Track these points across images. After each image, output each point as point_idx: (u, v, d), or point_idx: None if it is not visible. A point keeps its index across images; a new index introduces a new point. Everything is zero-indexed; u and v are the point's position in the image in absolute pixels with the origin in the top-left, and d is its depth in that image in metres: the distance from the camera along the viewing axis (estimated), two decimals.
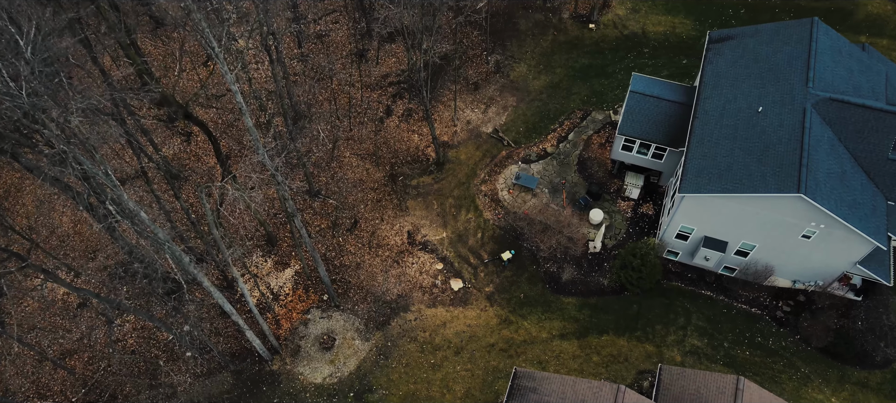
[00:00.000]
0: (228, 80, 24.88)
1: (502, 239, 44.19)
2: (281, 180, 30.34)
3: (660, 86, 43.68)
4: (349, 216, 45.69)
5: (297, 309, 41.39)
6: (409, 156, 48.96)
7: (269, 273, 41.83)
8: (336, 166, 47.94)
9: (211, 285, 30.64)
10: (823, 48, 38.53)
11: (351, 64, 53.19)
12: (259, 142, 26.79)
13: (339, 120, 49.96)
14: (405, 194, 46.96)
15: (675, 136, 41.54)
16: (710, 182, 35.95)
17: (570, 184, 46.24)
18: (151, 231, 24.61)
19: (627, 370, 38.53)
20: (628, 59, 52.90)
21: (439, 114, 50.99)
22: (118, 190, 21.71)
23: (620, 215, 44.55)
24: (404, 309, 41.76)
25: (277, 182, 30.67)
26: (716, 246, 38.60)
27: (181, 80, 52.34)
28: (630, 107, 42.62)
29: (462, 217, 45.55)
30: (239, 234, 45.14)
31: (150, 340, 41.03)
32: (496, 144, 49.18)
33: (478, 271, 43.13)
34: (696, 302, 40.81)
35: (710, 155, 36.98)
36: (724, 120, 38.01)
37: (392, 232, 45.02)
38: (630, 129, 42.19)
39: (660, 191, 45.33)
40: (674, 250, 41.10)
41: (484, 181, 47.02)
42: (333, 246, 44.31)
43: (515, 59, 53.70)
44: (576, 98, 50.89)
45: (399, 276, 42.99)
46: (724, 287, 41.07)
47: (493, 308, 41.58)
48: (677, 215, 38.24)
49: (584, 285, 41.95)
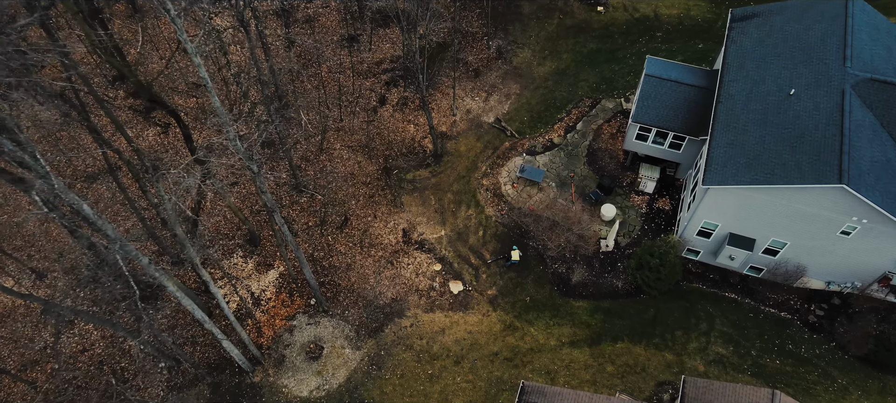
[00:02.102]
0: (189, 50, 21.21)
1: (506, 237, 40.51)
2: (256, 170, 26.66)
3: (677, 69, 40.03)
4: (339, 213, 42.02)
5: (281, 314, 37.70)
6: (405, 147, 45.30)
7: (250, 275, 38.03)
8: (325, 159, 44.26)
9: (177, 289, 26.96)
10: (860, 25, 34.94)
11: (342, 49, 49.51)
12: (227, 118, 23.10)
13: (328, 109, 46.29)
14: (400, 189, 43.31)
15: (695, 124, 37.90)
16: (737, 173, 32.32)
17: (580, 178, 42.59)
18: (99, 227, 20.94)
19: (645, 381, 34.87)
20: (640, 43, 49.28)
21: (437, 102, 47.34)
22: (49, 178, 18.04)
23: (635, 210, 40.90)
24: (399, 314, 38.08)
25: (253, 171, 26.99)
26: (742, 244, 34.96)
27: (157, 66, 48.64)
28: (645, 92, 38.99)
29: (462, 213, 41.89)
30: (220, 232, 41.48)
31: (120, 349, 37.31)
32: (498, 135, 45.54)
33: (479, 272, 39.47)
34: (719, 306, 37.18)
35: (736, 143, 33.35)
36: (751, 104, 34.38)
37: (386, 231, 41.35)
38: (645, 117, 38.54)
39: (677, 185, 41.69)
40: (694, 248, 37.47)
41: (485, 174, 43.37)
42: (321, 245, 40.63)
43: (519, 43, 50.05)
44: (584, 85, 47.26)
45: (393, 278, 39.32)
46: (749, 288, 37.44)
47: (497, 312, 37.93)
48: (700, 210, 34.60)
49: (596, 287, 38.29)
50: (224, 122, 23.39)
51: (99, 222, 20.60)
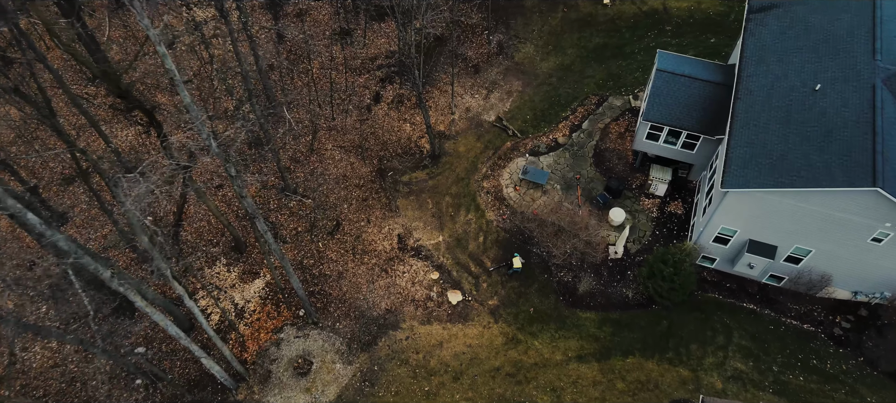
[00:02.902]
0: (152, 37, 18.69)
1: (508, 244, 37.97)
2: (233, 172, 24.14)
3: (691, 64, 37.51)
4: (330, 217, 39.48)
5: (268, 327, 35.15)
6: (401, 148, 42.76)
7: (234, 285, 35.43)
8: (315, 160, 41.72)
9: (147, 304, 24.41)
10: (890, 15, 32.48)
11: (334, 44, 46.98)
12: (199, 115, 20.56)
13: (319, 107, 43.76)
14: (395, 192, 40.77)
15: (711, 122, 35.38)
16: (759, 174, 29.78)
17: (586, 180, 40.05)
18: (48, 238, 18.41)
19: (659, 399, 32.32)
20: (648, 38, 46.75)
21: (435, 100, 44.81)
22: None
23: (645, 215, 38.36)
24: (394, 326, 35.54)
25: (230, 175, 24.47)
26: (763, 251, 32.43)
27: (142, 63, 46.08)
28: (657, 88, 36.45)
29: (461, 218, 39.36)
30: (203, 239, 38.95)
31: (94, 367, 34.73)
32: (500, 134, 43.00)
33: (480, 281, 36.93)
34: (736, 317, 34.65)
35: (758, 142, 30.80)
36: (773, 100, 31.85)
37: (380, 236, 38.81)
38: (657, 115, 36.02)
39: (690, 187, 39.15)
40: (710, 255, 34.94)
41: (486, 176, 40.83)
42: (311, 252, 38.09)
43: (521, 38, 47.51)
44: (590, 82, 44.73)
45: (388, 288, 36.78)
46: (769, 299, 34.91)
47: (498, 324, 35.39)
48: (717, 215, 32.07)
49: (604, 297, 35.75)
50: (195, 119, 20.87)
51: (47, 232, 18.07)
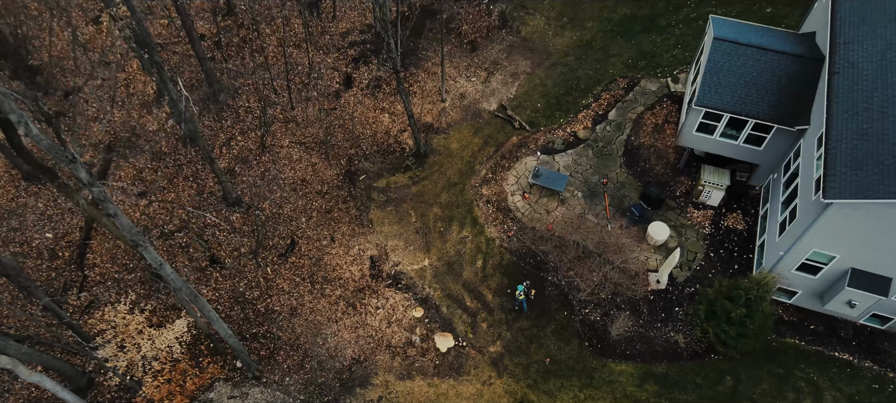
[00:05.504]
0: None
1: (515, 270, 28.81)
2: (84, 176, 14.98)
3: (758, 32, 28.40)
4: (283, 234, 30.33)
5: (189, 386, 25.91)
6: (376, 144, 33.65)
7: (141, 329, 25.99)
8: (268, 160, 32.60)
9: None
10: None
11: (297, 16, 37.86)
12: None
13: (275, 93, 34.63)
14: (368, 201, 31.64)
15: (789, 107, 26.26)
16: (881, 179, 20.68)
17: (616, 185, 30.94)
18: None
19: None
20: (687, 7, 37.67)
21: (421, 84, 35.70)
22: None
23: (694, 231, 29.24)
24: (363, 382, 26.39)
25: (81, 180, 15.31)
26: (872, 285, 23.30)
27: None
28: (714, 62, 27.32)
29: (453, 235, 30.21)
30: (118, 263, 29.74)
31: None
32: (503, 127, 33.91)
33: (477, 320, 27.77)
34: (826, 372, 25.52)
35: (872, 133, 21.72)
36: (887, 76, 22.77)
37: (347, 260, 29.65)
38: (716, 98, 26.90)
39: (752, 195, 30.03)
40: (790, 288, 25.84)
41: (486, 181, 31.69)
42: (256, 281, 28.91)
43: (528, 8, 38.40)
44: (616, 61, 35.64)
45: (356, 329, 27.63)
46: (872, 346, 25.80)
47: (503, 379, 26.24)
48: (810, 234, 22.94)
49: (645, 343, 26.58)
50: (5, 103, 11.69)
51: None
